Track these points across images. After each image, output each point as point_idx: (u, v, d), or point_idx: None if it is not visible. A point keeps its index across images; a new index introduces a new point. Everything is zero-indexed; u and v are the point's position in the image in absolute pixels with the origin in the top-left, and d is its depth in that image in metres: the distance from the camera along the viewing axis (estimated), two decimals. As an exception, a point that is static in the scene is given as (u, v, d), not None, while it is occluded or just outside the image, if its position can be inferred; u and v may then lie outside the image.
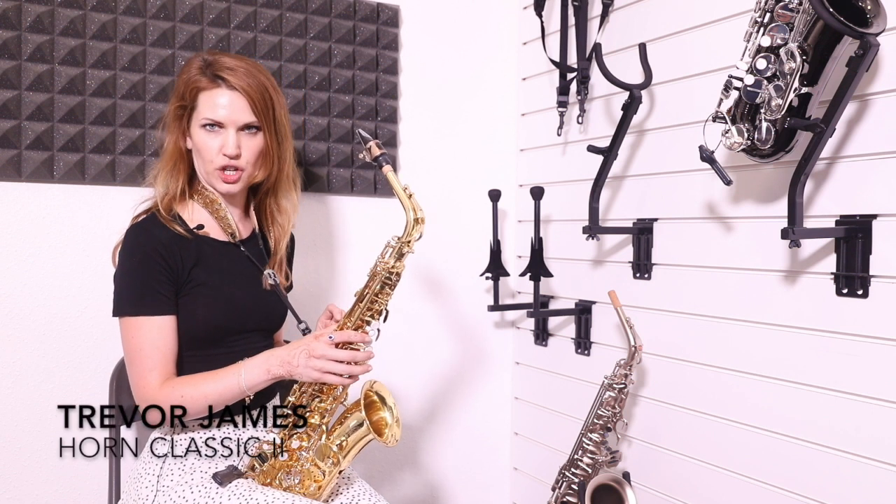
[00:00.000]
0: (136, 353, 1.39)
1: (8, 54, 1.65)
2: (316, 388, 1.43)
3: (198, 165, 1.49)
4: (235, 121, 1.43)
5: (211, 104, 1.43)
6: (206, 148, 1.44)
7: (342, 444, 1.41)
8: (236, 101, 1.43)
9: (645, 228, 1.85)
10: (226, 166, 1.45)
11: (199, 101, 1.44)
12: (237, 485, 1.36)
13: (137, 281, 1.39)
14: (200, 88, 1.43)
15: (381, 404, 1.46)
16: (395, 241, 1.43)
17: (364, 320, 1.43)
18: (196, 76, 1.44)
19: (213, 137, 1.44)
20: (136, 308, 1.39)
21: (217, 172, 1.45)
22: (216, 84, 1.43)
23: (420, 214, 1.40)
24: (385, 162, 1.40)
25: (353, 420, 1.42)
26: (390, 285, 1.43)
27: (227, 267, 1.49)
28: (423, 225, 1.40)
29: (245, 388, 1.38)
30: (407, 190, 1.41)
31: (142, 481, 1.42)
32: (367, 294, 1.43)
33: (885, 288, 1.36)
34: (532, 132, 2.29)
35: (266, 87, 1.46)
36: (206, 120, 1.43)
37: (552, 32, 2.13)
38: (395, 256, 1.42)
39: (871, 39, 1.23)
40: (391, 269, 1.42)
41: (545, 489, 2.09)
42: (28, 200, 1.70)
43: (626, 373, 1.76)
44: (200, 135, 1.44)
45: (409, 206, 1.40)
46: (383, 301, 1.43)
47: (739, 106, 1.41)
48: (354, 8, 2.05)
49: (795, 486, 1.51)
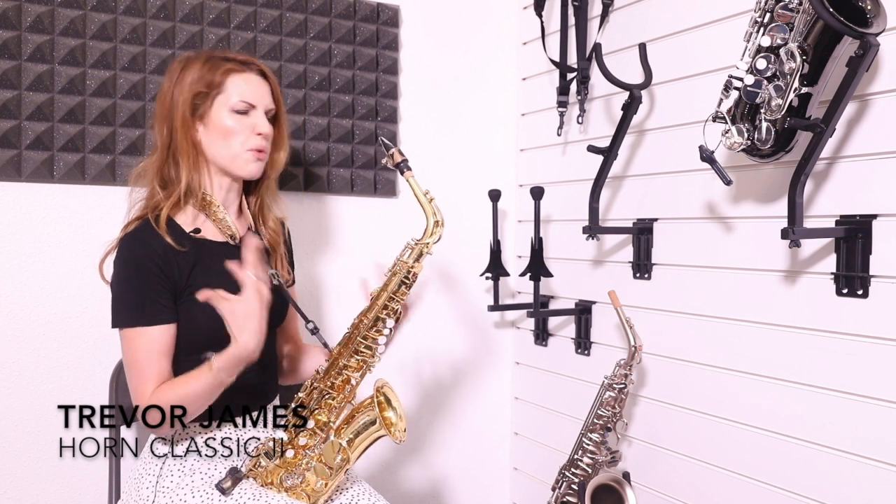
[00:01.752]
0: (133, 364, 1.38)
1: (8, 54, 1.65)
2: (327, 385, 1.44)
3: (218, 153, 1.46)
4: (267, 104, 1.48)
5: (244, 87, 1.45)
6: (237, 130, 1.45)
7: (351, 441, 1.43)
8: (264, 86, 1.49)
9: (645, 228, 1.85)
10: (258, 147, 1.47)
11: (228, 84, 1.44)
12: (240, 491, 1.37)
13: (134, 291, 1.38)
14: (231, 70, 1.44)
15: (387, 405, 1.47)
16: (413, 243, 1.45)
17: (380, 318, 1.45)
18: (220, 62, 1.45)
19: (244, 119, 1.45)
20: (134, 318, 1.38)
21: (248, 154, 1.46)
22: (247, 68, 1.46)
23: (440, 217, 1.43)
24: (407, 168, 1.43)
25: (364, 417, 1.44)
26: (407, 285, 1.45)
27: (226, 268, 1.48)
28: (442, 228, 1.44)
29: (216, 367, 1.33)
30: (428, 195, 1.43)
31: (142, 481, 1.42)
32: (386, 292, 1.44)
33: (885, 288, 1.36)
34: (532, 132, 2.29)
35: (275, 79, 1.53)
36: (240, 103, 1.44)
37: (552, 32, 2.13)
38: (414, 257, 1.44)
39: (871, 39, 1.23)
40: (410, 268, 1.44)
41: (545, 489, 2.09)
42: (28, 200, 1.70)
43: (626, 373, 1.76)
44: (230, 118, 1.44)
45: (429, 210, 1.43)
46: (399, 299, 1.45)
47: (739, 106, 1.41)
48: (354, 8, 2.05)
49: (795, 486, 1.51)
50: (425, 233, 1.44)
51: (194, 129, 1.45)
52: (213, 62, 1.45)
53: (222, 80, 1.44)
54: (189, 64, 1.46)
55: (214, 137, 1.45)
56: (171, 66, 1.49)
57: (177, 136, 1.44)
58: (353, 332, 1.45)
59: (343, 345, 1.45)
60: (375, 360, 1.45)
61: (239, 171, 1.48)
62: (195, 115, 1.44)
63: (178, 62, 1.48)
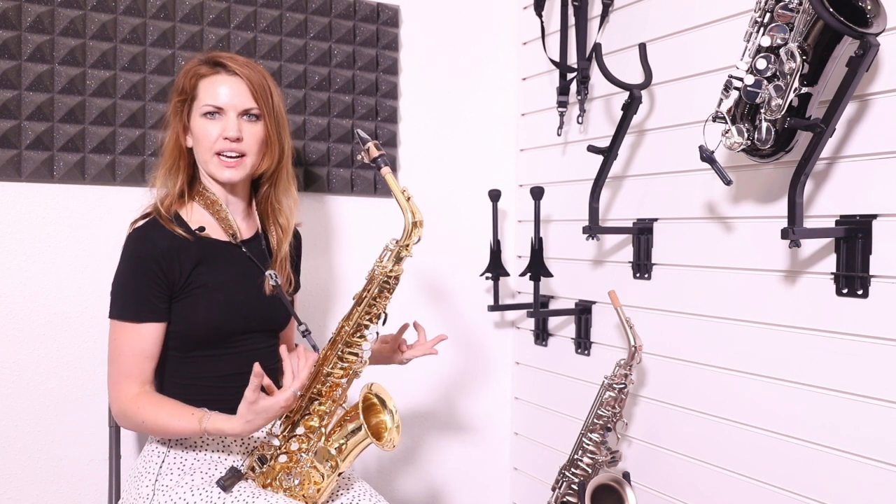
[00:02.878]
0: (116, 357, 1.41)
1: (8, 54, 1.65)
2: (315, 391, 1.43)
3: (199, 158, 1.48)
4: (236, 105, 1.44)
5: (212, 90, 1.43)
6: (205, 135, 1.44)
7: (341, 448, 1.41)
8: (236, 86, 1.44)
9: (645, 228, 1.85)
10: (225, 151, 1.44)
11: (199, 89, 1.44)
12: (239, 490, 1.37)
13: (130, 287, 1.40)
14: (201, 76, 1.45)
15: (381, 407, 1.45)
16: (393, 245, 1.42)
17: (362, 324, 1.43)
18: (195, 66, 1.46)
19: (214, 124, 1.44)
20: (124, 313, 1.40)
21: (216, 159, 1.44)
22: (216, 70, 1.45)
23: (419, 217, 1.38)
24: (384, 163, 1.39)
25: (352, 424, 1.41)
26: (388, 289, 1.42)
27: (229, 268, 1.49)
28: (421, 228, 1.39)
29: (204, 428, 1.35)
30: (405, 192, 1.39)
31: (141, 479, 1.42)
32: (366, 298, 1.42)
33: (885, 288, 1.36)
34: (532, 132, 2.29)
35: (264, 75, 1.49)
36: (207, 107, 1.43)
37: (552, 32, 2.13)
38: (393, 260, 1.41)
39: (871, 39, 1.23)
40: (389, 272, 1.41)
41: (545, 489, 2.09)
42: (28, 200, 1.70)
43: (626, 373, 1.76)
44: (201, 123, 1.44)
45: (407, 208, 1.38)
46: (382, 305, 1.43)
47: (739, 106, 1.41)
48: (354, 8, 2.05)
49: (795, 486, 1.51)
50: (404, 233, 1.39)
51: (184, 136, 1.48)
52: (189, 68, 1.47)
53: (194, 86, 1.45)
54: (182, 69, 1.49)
55: (195, 143, 1.47)
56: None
57: (171, 142, 1.48)
58: (336, 338, 1.44)
59: (326, 352, 1.44)
60: (361, 365, 1.43)
61: (215, 175, 1.47)
62: (181, 120, 1.47)
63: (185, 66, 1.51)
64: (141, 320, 1.39)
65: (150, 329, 1.40)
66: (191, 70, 1.46)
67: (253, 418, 1.31)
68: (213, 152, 1.44)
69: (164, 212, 1.44)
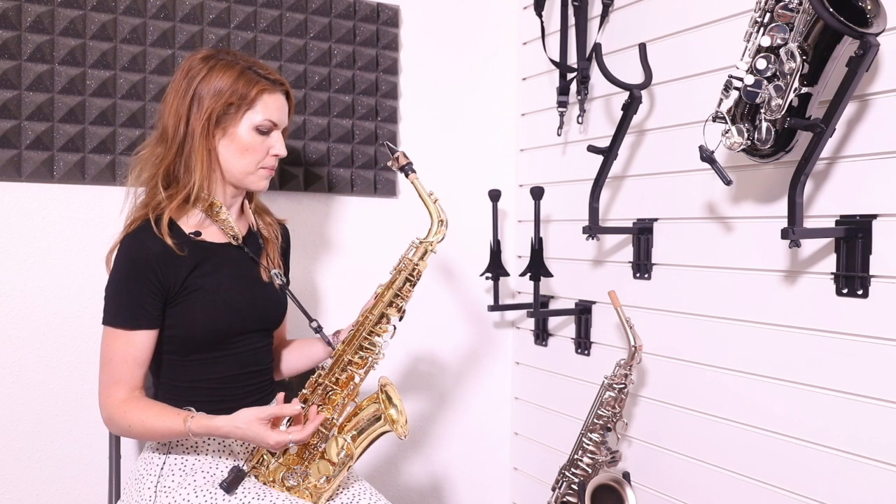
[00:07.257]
0: (107, 362, 1.40)
1: (8, 54, 1.65)
2: (332, 381, 1.46)
3: (234, 165, 1.46)
4: (285, 122, 1.52)
5: (274, 107, 1.46)
6: (256, 148, 1.46)
7: (354, 437, 1.46)
8: (286, 106, 1.51)
9: (645, 228, 1.85)
10: (269, 166, 1.50)
11: (259, 101, 1.44)
12: (243, 491, 1.37)
13: (123, 293, 1.39)
14: (265, 90, 1.45)
15: (388, 403, 1.48)
16: (418, 242, 1.49)
17: (385, 314, 1.48)
18: (255, 78, 1.44)
19: (264, 138, 1.47)
20: (116, 319, 1.39)
21: (261, 171, 1.49)
22: (278, 88, 1.48)
23: (444, 217, 1.49)
24: (412, 170, 1.48)
25: (368, 413, 1.46)
26: (412, 283, 1.49)
27: (226, 269, 1.48)
28: (446, 227, 1.49)
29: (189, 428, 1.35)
30: (432, 195, 1.49)
31: (143, 481, 1.42)
32: (392, 289, 1.48)
33: (885, 288, 1.36)
34: (532, 132, 2.29)
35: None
36: (266, 122, 1.45)
37: (552, 32, 2.13)
38: (419, 255, 1.48)
39: (871, 39, 1.23)
40: (416, 266, 1.48)
41: (545, 489, 2.09)
42: (28, 200, 1.70)
43: (626, 373, 1.76)
44: (251, 135, 1.45)
45: (434, 210, 1.48)
46: (405, 297, 1.48)
47: (739, 106, 1.41)
48: (354, 8, 2.05)
49: (795, 486, 1.51)
50: (430, 232, 1.49)
51: (212, 137, 1.44)
52: (249, 77, 1.43)
53: (256, 98, 1.44)
54: (218, 67, 1.42)
55: (233, 150, 1.45)
56: (190, 62, 1.44)
57: (193, 139, 1.42)
58: (358, 328, 1.47)
59: (347, 342, 1.47)
60: (380, 356, 1.48)
61: (249, 185, 1.50)
62: (218, 124, 1.43)
63: (200, 59, 1.43)
64: (135, 327, 1.38)
65: (143, 336, 1.39)
66: (253, 80, 1.43)
67: (246, 431, 1.32)
68: (261, 167, 1.48)
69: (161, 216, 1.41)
